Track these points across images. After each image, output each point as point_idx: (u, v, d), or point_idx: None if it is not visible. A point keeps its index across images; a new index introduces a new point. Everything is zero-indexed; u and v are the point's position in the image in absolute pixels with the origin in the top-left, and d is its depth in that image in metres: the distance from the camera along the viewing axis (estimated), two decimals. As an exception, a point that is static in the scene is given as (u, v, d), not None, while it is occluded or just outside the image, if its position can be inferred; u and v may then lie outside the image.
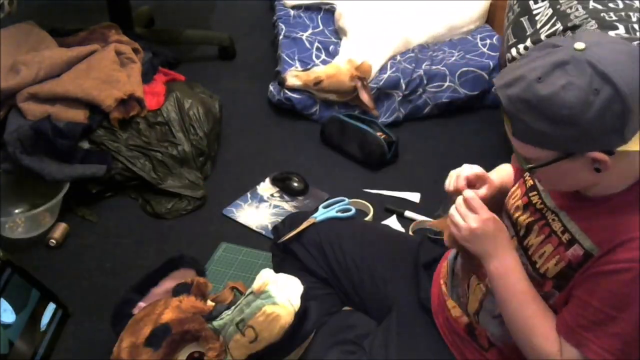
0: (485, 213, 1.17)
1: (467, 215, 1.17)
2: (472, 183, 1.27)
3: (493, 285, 1.20)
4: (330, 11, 2.90)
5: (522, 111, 1.01)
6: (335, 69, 2.47)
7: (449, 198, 1.26)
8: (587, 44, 0.99)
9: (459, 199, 1.20)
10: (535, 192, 1.22)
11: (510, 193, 1.31)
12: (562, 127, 0.99)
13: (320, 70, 2.48)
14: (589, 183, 1.08)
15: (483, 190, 1.26)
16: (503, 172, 1.38)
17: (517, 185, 1.30)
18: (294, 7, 2.95)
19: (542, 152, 1.04)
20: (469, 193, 1.20)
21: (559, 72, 0.98)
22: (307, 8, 2.95)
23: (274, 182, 2.22)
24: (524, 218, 1.22)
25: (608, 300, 1.06)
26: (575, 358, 1.10)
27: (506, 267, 1.17)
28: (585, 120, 0.97)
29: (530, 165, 1.08)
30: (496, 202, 1.31)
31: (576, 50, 0.99)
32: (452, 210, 1.21)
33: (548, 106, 0.98)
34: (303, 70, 2.52)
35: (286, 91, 2.51)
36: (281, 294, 1.35)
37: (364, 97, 2.44)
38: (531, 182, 1.24)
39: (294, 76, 2.49)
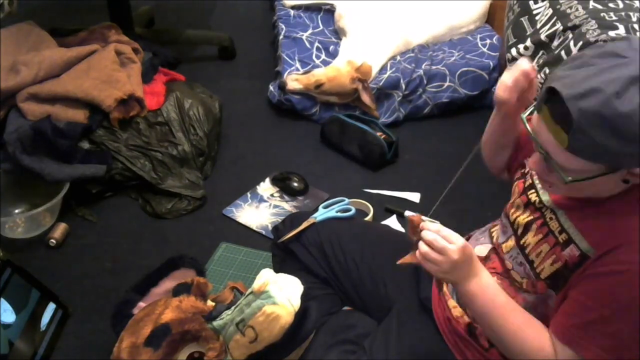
0: (460, 240, 1.14)
1: (446, 249, 1.12)
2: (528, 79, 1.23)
3: (472, 305, 1.20)
4: (330, 11, 2.90)
5: (594, 126, 0.96)
6: (335, 71, 2.47)
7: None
8: None
9: (426, 234, 1.15)
10: (533, 191, 1.22)
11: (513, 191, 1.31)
12: (629, 144, 0.96)
13: (320, 73, 2.47)
14: (606, 191, 1.07)
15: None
16: None
17: (514, 183, 1.30)
18: (293, 7, 2.95)
19: (590, 166, 1.01)
20: (434, 225, 1.15)
21: (634, 88, 0.95)
22: (307, 8, 2.95)
23: (274, 182, 2.22)
24: (523, 217, 1.22)
25: (603, 300, 1.06)
26: (570, 359, 1.10)
27: (482, 284, 1.17)
28: None
29: (572, 179, 1.04)
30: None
31: None
32: (424, 247, 1.15)
33: (625, 124, 0.95)
34: (303, 73, 2.51)
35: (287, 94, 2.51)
36: (281, 294, 1.35)
37: (365, 98, 2.44)
38: (530, 181, 1.24)
39: (294, 80, 2.48)
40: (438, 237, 1.13)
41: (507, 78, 1.23)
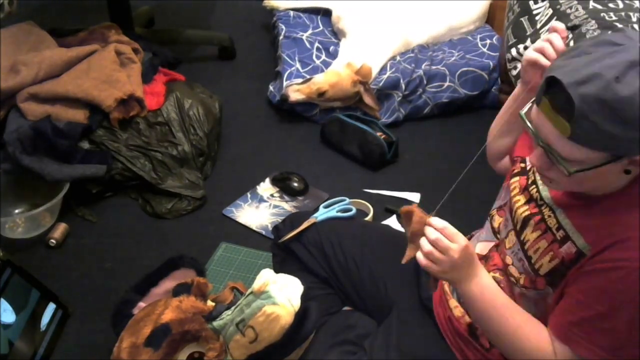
0: (463, 240, 1.12)
1: (449, 248, 1.10)
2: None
3: (472, 305, 1.19)
4: (330, 12, 2.89)
5: (596, 112, 0.97)
6: (336, 76, 2.44)
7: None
8: None
9: (430, 232, 1.12)
10: (534, 187, 1.23)
11: (511, 186, 1.31)
12: (631, 129, 0.97)
13: (321, 80, 2.44)
14: (607, 184, 1.07)
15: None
16: None
17: (517, 178, 1.30)
18: (287, 9, 2.95)
19: (593, 154, 1.01)
20: (440, 223, 1.12)
21: (634, 72, 0.96)
22: (306, 9, 2.95)
23: (274, 182, 2.22)
24: (522, 211, 1.23)
25: (599, 297, 1.07)
26: (568, 357, 1.10)
27: (482, 284, 1.16)
28: None
29: (575, 170, 1.03)
30: None
31: None
32: (428, 246, 1.12)
33: (626, 107, 0.96)
34: (303, 82, 2.47)
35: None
36: (281, 294, 1.35)
37: (368, 100, 2.44)
38: (532, 177, 1.25)
39: (295, 91, 2.44)
40: (441, 236, 1.11)
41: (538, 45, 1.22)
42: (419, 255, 1.13)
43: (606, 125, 0.97)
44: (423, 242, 1.12)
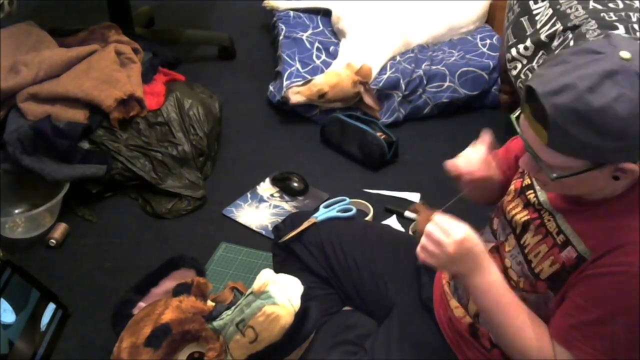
0: (459, 232, 1.12)
1: (441, 242, 1.12)
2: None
3: (477, 301, 1.19)
4: (330, 12, 2.89)
5: (570, 122, 0.97)
6: (336, 77, 2.44)
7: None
8: (631, 53, 0.97)
9: (428, 226, 1.14)
10: (531, 191, 1.22)
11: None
12: (609, 139, 0.97)
13: (321, 82, 2.43)
14: (598, 189, 1.08)
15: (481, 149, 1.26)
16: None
17: (512, 183, 1.30)
18: (287, 9, 2.94)
19: (574, 162, 1.02)
20: (440, 218, 1.14)
21: (609, 82, 0.95)
22: (306, 9, 2.95)
23: (274, 182, 2.22)
24: (520, 216, 1.22)
25: (598, 301, 1.07)
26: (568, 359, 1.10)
27: (488, 281, 1.16)
28: (633, 132, 0.96)
29: (557, 175, 1.05)
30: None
31: (623, 60, 0.97)
32: (424, 240, 1.13)
33: (600, 118, 0.95)
34: (303, 84, 2.47)
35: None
36: (281, 294, 1.35)
37: (368, 100, 2.43)
38: (528, 181, 1.25)
39: (296, 93, 2.44)
40: (436, 230, 1.12)
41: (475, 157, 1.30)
42: (417, 249, 1.15)
43: (581, 135, 0.97)
44: (422, 238, 1.14)
